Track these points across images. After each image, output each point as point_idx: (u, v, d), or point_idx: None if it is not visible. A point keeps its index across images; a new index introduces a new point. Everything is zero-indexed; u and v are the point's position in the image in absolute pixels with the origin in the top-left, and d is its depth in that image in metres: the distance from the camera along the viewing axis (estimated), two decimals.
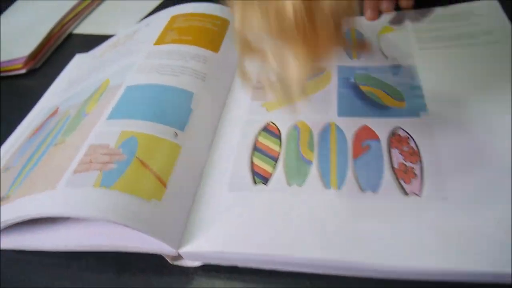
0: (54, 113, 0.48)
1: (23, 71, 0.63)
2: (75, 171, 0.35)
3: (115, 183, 0.33)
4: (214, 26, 0.51)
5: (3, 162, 0.43)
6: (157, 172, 0.35)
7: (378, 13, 0.50)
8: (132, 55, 0.48)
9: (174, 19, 0.52)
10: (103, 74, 0.48)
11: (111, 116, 0.39)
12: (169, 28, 0.51)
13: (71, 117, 0.43)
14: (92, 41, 0.67)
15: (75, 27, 0.72)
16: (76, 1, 0.73)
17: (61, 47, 0.69)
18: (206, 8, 0.53)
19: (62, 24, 0.69)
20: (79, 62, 0.60)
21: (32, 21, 0.71)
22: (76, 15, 0.72)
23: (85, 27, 0.71)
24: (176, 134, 0.38)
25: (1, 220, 0.34)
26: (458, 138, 0.36)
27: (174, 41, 0.48)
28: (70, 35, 0.71)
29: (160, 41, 0.49)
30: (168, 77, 0.43)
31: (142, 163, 0.35)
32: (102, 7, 0.76)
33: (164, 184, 0.35)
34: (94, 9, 0.75)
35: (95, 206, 0.32)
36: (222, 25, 0.51)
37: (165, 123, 0.38)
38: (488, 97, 0.39)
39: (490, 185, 0.33)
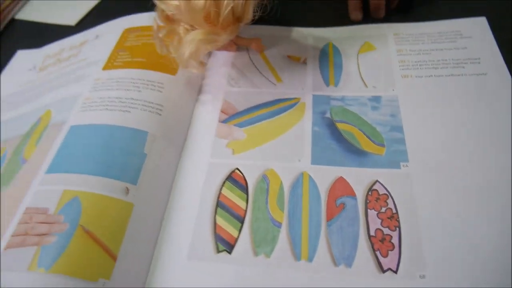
0: None
1: None
2: (8, 246, 0.30)
3: (55, 263, 0.29)
4: None
5: None
6: (105, 242, 0.30)
7: (362, 13, 0.48)
8: (78, 82, 0.42)
9: (126, 34, 0.46)
10: (44, 100, 0.42)
11: (52, 169, 0.34)
12: (120, 46, 0.44)
13: (7, 158, 0.37)
14: (37, 30, 0.60)
15: (18, 11, 0.63)
16: None
17: (2, 36, 0.60)
18: None
19: (2, 9, 0.60)
20: (20, 62, 0.53)
21: None
22: None
23: (30, 12, 0.63)
24: (127, 190, 0.33)
25: None
26: (440, 201, 0.33)
27: (125, 65, 0.42)
28: (13, 20, 0.62)
29: (109, 64, 0.42)
30: (117, 114, 0.37)
31: (88, 233, 0.30)
32: None
33: (114, 257, 0.30)
34: None
35: None
36: None
37: (114, 177, 0.33)
38: (478, 143, 0.36)
39: (475, 265, 0.30)
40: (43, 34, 0.58)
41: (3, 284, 0.28)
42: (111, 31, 0.48)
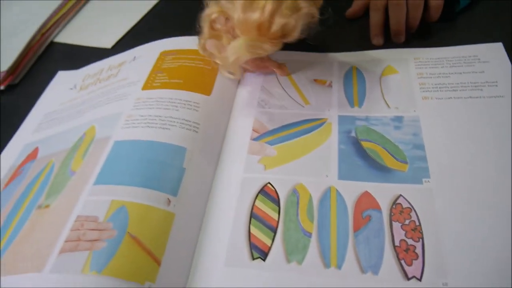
0: (34, 154, 0.45)
1: (1, 87, 0.59)
2: (62, 251, 0.33)
3: (105, 266, 0.31)
4: (206, 64, 0.48)
5: None
6: (150, 248, 0.33)
7: (383, 38, 0.51)
8: (120, 101, 0.45)
9: (163, 57, 0.49)
10: (87, 117, 0.46)
11: (100, 180, 0.37)
12: (157, 68, 0.48)
13: (54, 171, 0.41)
14: (75, 52, 0.64)
15: (57, 34, 0.67)
16: (56, 7, 0.68)
17: (42, 58, 0.65)
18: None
19: (42, 32, 0.65)
20: (61, 82, 0.57)
21: (8, 30, 0.66)
22: (56, 21, 0.67)
23: (68, 35, 0.67)
24: (169, 201, 0.36)
25: None
26: (460, 213, 0.35)
27: (163, 86, 0.45)
28: (52, 43, 0.67)
29: (148, 85, 0.46)
30: (158, 131, 0.40)
31: (135, 239, 0.33)
32: (84, 12, 0.71)
33: (158, 262, 0.33)
34: (75, 14, 0.70)
35: None
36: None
37: (157, 189, 0.36)
38: (494, 162, 0.38)
39: (496, 273, 0.32)
40: (81, 56, 0.62)
41: (60, 284, 0.31)
42: (148, 53, 0.52)
